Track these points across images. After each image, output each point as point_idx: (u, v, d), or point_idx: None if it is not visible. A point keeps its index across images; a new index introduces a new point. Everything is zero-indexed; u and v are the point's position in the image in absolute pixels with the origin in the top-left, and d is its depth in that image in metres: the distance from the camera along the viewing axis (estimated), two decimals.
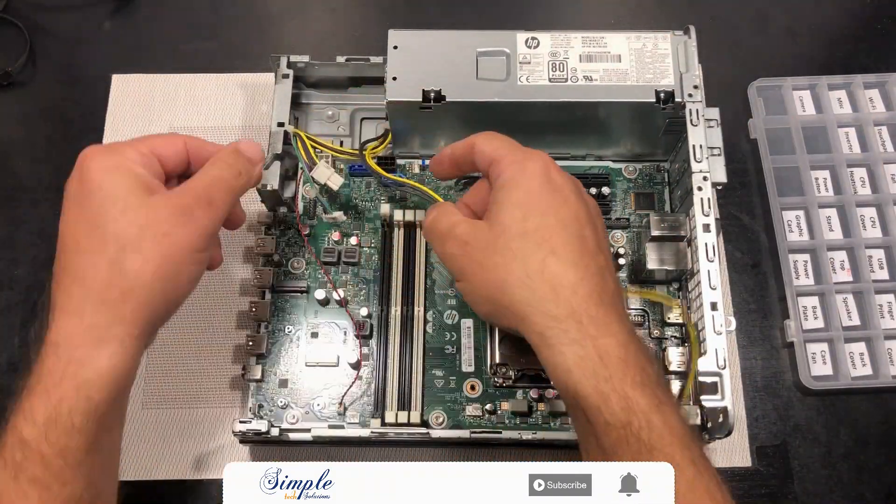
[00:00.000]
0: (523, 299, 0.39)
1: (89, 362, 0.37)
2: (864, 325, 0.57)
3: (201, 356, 0.56)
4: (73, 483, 0.36)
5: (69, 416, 0.36)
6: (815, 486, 0.54)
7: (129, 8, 0.68)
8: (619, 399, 0.36)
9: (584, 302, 0.38)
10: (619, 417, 0.36)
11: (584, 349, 0.37)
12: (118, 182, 0.39)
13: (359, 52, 0.56)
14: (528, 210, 0.40)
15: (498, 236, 0.40)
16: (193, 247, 0.40)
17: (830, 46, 0.67)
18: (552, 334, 0.38)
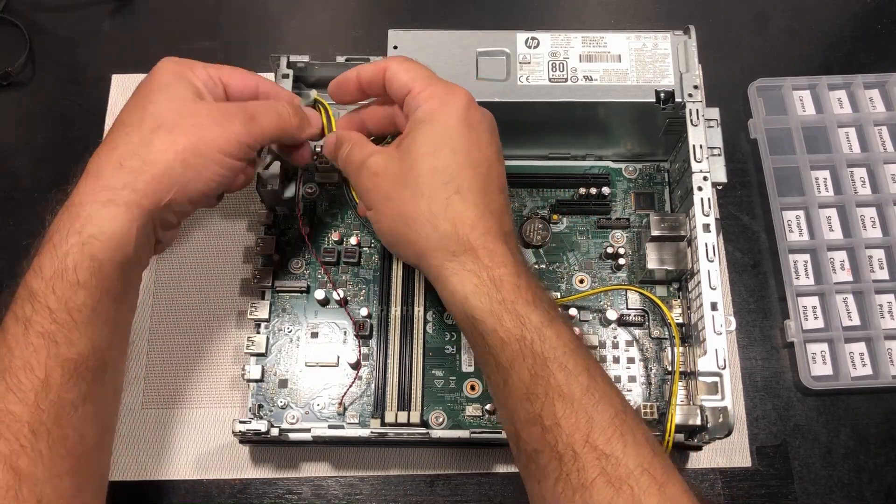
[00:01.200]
0: (426, 235, 0.42)
1: (96, 219, 0.39)
2: (864, 325, 0.57)
3: (201, 356, 0.56)
4: (78, 343, 0.38)
5: (74, 271, 0.38)
6: (815, 486, 0.54)
7: (129, 8, 0.68)
8: (512, 317, 0.39)
9: (481, 237, 0.41)
10: (513, 333, 0.39)
11: (479, 277, 0.40)
12: (176, 82, 0.43)
13: (359, 52, 0.56)
14: (441, 146, 0.42)
15: (408, 170, 0.42)
16: (221, 148, 0.42)
17: (830, 46, 0.67)
18: (450, 267, 0.41)
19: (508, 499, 0.53)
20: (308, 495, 0.53)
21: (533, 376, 0.38)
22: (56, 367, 0.37)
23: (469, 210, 0.41)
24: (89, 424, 0.39)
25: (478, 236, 0.41)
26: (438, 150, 0.42)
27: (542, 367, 0.38)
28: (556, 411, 0.37)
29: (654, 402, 0.51)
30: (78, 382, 0.38)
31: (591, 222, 0.56)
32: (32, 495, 0.36)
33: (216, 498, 0.53)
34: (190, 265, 0.58)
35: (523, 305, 0.39)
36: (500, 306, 0.39)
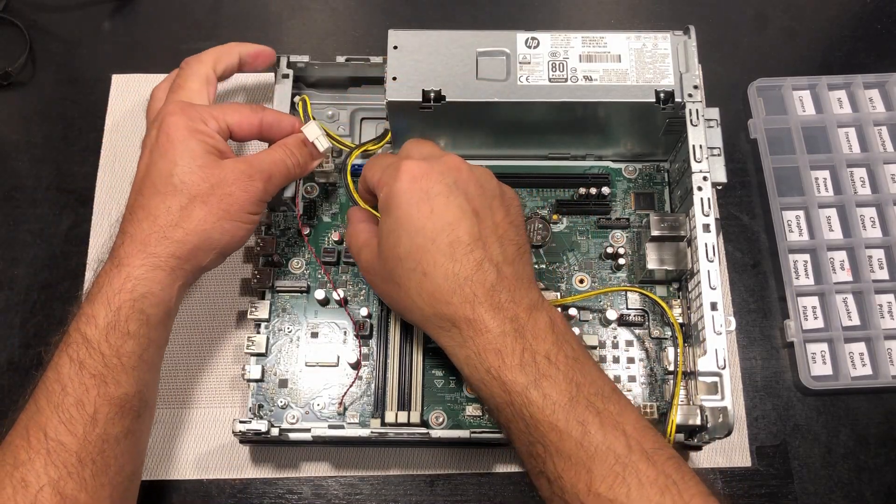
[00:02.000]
0: (416, 319, 0.44)
1: (145, 282, 0.44)
2: (864, 325, 0.57)
3: (201, 356, 0.56)
4: (125, 385, 0.43)
5: (126, 322, 0.43)
6: (815, 486, 0.54)
7: (129, 8, 0.68)
8: (498, 385, 0.40)
9: (459, 309, 0.41)
10: (503, 399, 0.40)
11: (466, 350, 0.42)
12: (196, 143, 0.46)
13: (359, 52, 0.56)
14: (398, 235, 0.43)
15: (383, 266, 0.45)
16: (247, 209, 0.47)
17: (830, 46, 0.67)
18: (445, 342, 0.43)
19: (508, 499, 0.53)
20: (308, 495, 0.53)
21: (528, 437, 0.40)
22: (104, 405, 0.42)
23: (441, 286, 0.42)
24: (128, 457, 0.44)
25: (454, 310, 0.42)
26: (397, 241, 0.43)
27: (535, 429, 0.40)
28: (557, 467, 0.39)
29: (654, 402, 0.51)
30: (122, 419, 0.43)
31: (591, 222, 0.56)
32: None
33: (216, 498, 0.53)
34: None
35: (508, 371, 0.40)
36: (487, 375, 0.41)
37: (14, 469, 0.40)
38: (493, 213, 0.44)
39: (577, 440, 0.38)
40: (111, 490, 0.42)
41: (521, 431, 0.40)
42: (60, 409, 0.41)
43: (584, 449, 0.38)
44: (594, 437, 0.38)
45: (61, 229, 0.60)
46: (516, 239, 0.45)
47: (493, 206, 0.45)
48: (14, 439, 0.41)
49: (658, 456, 0.39)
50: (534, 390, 0.40)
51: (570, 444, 0.39)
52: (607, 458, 0.38)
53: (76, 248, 0.59)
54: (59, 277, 0.58)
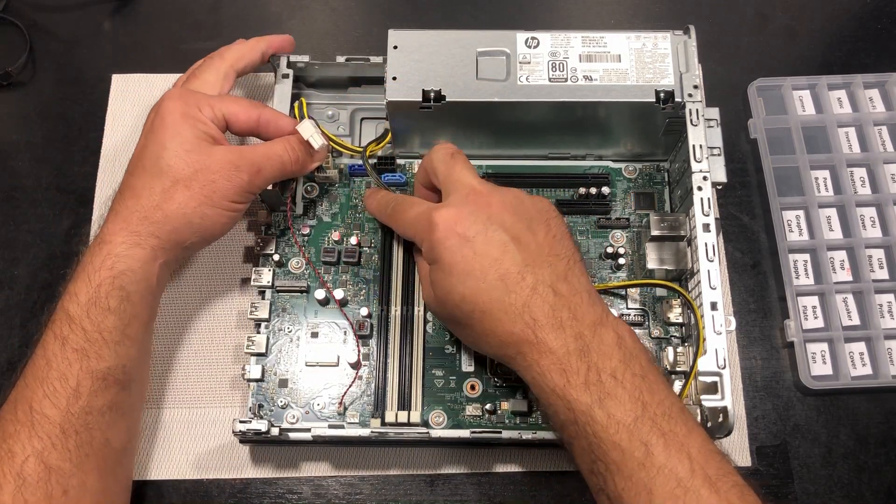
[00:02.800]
0: (487, 353, 0.46)
1: (125, 259, 0.45)
2: (864, 325, 0.57)
3: (201, 356, 0.56)
4: (107, 358, 0.44)
5: (106, 298, 0.44)
6: (815, 486, 0.54)
7: (129, 8, 0.68)
8: (563, 404, 0.41)
9: (522, 337, 0.42)
10: (567, 417, 0.41)
11: (532, 372, 0.42)
12: (188, 128, 0.47)
13: (359, 52, 0.56)
14: (450, 283, 0.43)
15: (443, 309, 0.45)
16: (229, 197, 0.48)
17: (830, 46, 0.67)
18: (515, 368, 0.44)
19: (508, 499, 0.53)
20: (308, 495, 0.53)
21: (591, 455, 0.40)
22: (87, 378, 0.43)
23: (501, 324, 0.42)
24: (114, 430, 0.45)
25: (518, 339, 0.42)
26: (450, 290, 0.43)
27: (598, 448, 0.39)
28: (617, 486, 0.39)
29: None
30: (105, 392, 0.44)
31: (591, 222, 0.56)
32: (59, 486, 0.41)
33: (216, 498, 0.53)
34: (190, 265, 0.58)
35: (573, 389, 0.40)
36: (552, 395, 0.41)
37: (2, 441, 0.42)
38: (534, 235, 0.44)
39: (639, 461, 0.38)
40: (97, 462, 0.43)
41: (583, 450, 0.40)
42: (45, 383, 0.42)
43: (645, 470, 0.38)
44: (657, 458, 0.38)
45: (61, 229, 0.60)
46: (563, 252, 0.44)
47: (532, 227, 0.44)
48: (4, 414, 0.43)
49: (722, 483, 0.38)
50: (598, 409, 0.39)
51: (631, 465, 0.38)
52: (669, 480, 0.38)
53: (76, 248, 0.59)
54: (59, 277, 0.58)
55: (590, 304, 0.43)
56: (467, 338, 0.46)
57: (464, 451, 0.54)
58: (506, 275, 0.42)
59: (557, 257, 0.44)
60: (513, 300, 0.42)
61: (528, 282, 0.42)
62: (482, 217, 0.44)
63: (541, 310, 0.41)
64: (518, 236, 0.43)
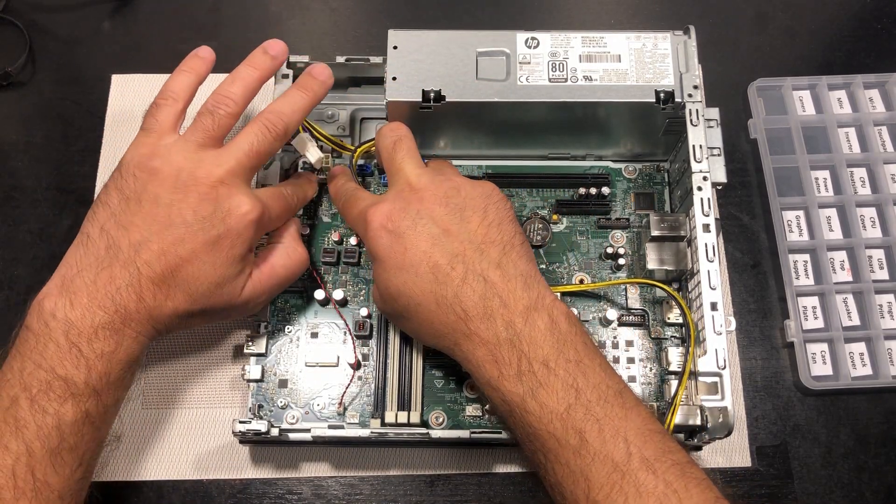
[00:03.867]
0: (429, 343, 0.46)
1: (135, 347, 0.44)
2: (864, 325, 0.57)
3: (201, 356, 0.56)
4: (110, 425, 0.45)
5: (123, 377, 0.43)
6: (815, 486, 0.54)
7: (129, 8, 0.68)
8: (498, 396, 0.41)
9: (456, 327, 0.42)
10: (504, 409, 0.41)
11: (468, 364, 0.43)
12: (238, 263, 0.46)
13: (359, 52, 0.56)
14: (386, 277, 0.44)
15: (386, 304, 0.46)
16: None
17: (830, 46, 0.67)
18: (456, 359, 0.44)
19: (508, 499, 0.53)
20: (308, 495, 0.53)
21: (531, 445, 0.41)
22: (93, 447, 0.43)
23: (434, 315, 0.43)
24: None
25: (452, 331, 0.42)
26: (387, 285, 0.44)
27: (536, 438, 0.40)
28: (557, 475, 0.39)
29: (653, 402, 0.51)
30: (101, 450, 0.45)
31: (591, 222, 0.56)
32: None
33: (216, 498, 0.53)
34: None
35: (506, 381, 0.40)
36: (487, 387, 0.42)
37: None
38: (466, 224, 0.44)
39: (574, 448, 0.38)
40: None
41: (524, 439, 0.41)
42: (55, 455, 0.41)
43: (581, 457, 0.38)
44: (591, 445, 0.38)
45: (61, 229, 0.60)
46: (498, 238, 0.44)
47: (466, 216, 0.44)
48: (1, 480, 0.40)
49: (660, 463, 0.38)
50: (531, 400, 0.40)
51: (567, 453, 0.39)
52: (605, 466, 0.38)
53: None
54: None
55: (524, 289, 0.42)
56: (409, 330, 0.47)
57: (464, 451, 0.54)
58: (436, 267, 0.42)
59: (492, 244, 0.43)
60: (444, 291, 0.42)
61: (458, 272, 0.42)
62: (412, 212, 0.44)
63: (470, 300, 0.41)
64: (448, 228, 0.43)
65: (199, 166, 0.45)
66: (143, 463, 0.53)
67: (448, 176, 0.46)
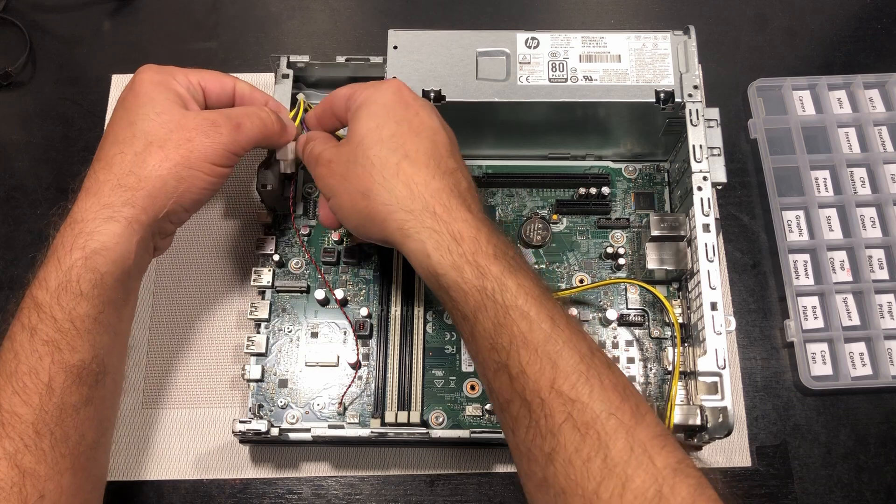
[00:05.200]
0: (384, 200, 0.42)
1: (97, 235, 0.41)
2: (864, 325, 0.57)
3: (201, 356, 0.56)
4: (81, 350, 0.41)
5: (77, 283, 0.40)
6: (815, 486, 0.54)
7: (129, 8, 0.68)
8: (472, 268, 0.40)
9: (436, 194, 0.42)
10: (474, 284, 0.40)
11: (439, 234, 0.41)
12: (160, 93, 0.45)
13: (359, 52, 0.56)
14: (382, 120, 0.44)
15: (357, 148, 0.44)
16: (210, 158, 0.45)
17: (830, 46, 0.67)
18: (411, 226, 0.42)
19: (508, 499, 0.53)
20: (308, 495, 0.53)
21: (496, 326, 0.39)
22: (59, 373, 0.40)
23: (420, 171, 0.42)
24: (89, 425, 0.42)
25: (432, 193, 0.42)
26: (382, 124, 0.44)
27: (505, 316, 0.39)
28: (521, 359, 0.38)
29: (653, 401, 0.51)
30: (80, 386, 0.41)
31: (591, 222, 0.56)
32: (35, 491, 0.38)
33: (216, 498, 0.53)
34: (190, 265, 0.58)
35: (483, 257, 0.40)
36: (460, 259, 0.40)
37: None
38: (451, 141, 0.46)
39: (546, 332, 0.38)
40: (73, 461, 0.41)
41: (488, 319, 0.39)
42: (14, 378, 0.39)
43: (552, 342, 0.38)
44: (562, 332, 0.38)
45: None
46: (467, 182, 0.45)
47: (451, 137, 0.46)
48: None
49: (615, 366, 0.39)
50: (510, 278, 0.39)
51: (538, 336, 0.38)
52: (573, 355, 0.38)
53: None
54: None
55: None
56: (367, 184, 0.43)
57: (464, 451, 0.54)
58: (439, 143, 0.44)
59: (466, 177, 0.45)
60: (438, 163, 0.43)
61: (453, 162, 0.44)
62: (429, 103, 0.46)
63: (457, 188, 0.43)
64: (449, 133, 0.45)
65: None
66: (143, 463, 0.53)
67: None
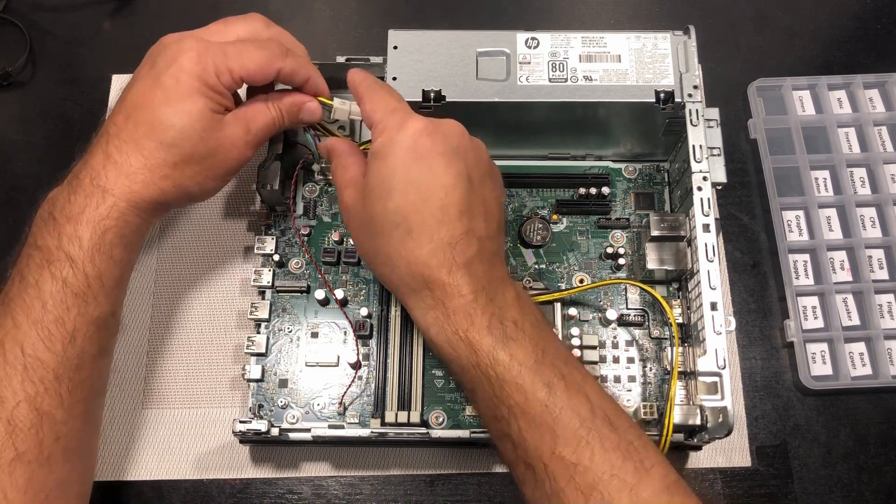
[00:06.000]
0: (387, 274, 0.44)
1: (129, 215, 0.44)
2: (864, 325, 0.57)
3: (201, 356, 0.56)
4: (103, 305, 0.44)
5: (110, 247, 0.43)
6: (815, 486, 0.54)
7: (129, 8, 0.68)
8: (465, 346, 0.41)
9: (435, 272, 0.42)
10: (469, 360, 0.41)
11: (436, 311, 0.42)
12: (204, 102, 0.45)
13: (359, 52, 0.56)
14: (391, 185, 0.42)
15: (367, 210, 0.44)
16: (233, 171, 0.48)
17: (830, 46, 0.67)
18: (413, 303, 0.43)
19: (508, 499, 0.53)
20: (308, 495, 0.53)
21: (494, 398, 0.40)
22: (83, 324, 0.43)
23: (422, 248, 0.42)
24: (100, 374, 0.45)
25: (431, 273, 0.42)
26: (388, 192, 0.42)
27: (500, 390, 0.40)
28: (521, 428, 0.39)
29: (653, 401, 0.51)
30: (98, 338, 0.44)
31: (591, 222, 0.56)
32: (51, 433, 0.41)
33: (216, 498, 0.53)
34: (190, 265, 0.58)
35: (476, 332, 0.41)
36: (454, 336, 0.41)
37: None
38: (484, 187, 0.45)
39: (542, 402, 0.39)
40: (85, 406, 0.43)
41: (486, 393, 0.40)
42: (40, 325, 0.41)
43: (549, 411, 0.38)
44: (559, 398, 0.39)
45: None
46: (498, 216, 0.45)
47: (485, 179, 0.45)
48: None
49: (620, 422, 0.39)
50: (501, 350, 0.40)
51: (535, 406, 0.39)
52: (572, 420, 0.38)
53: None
54: None
55: (501, 265, 0.44)
56: (375, 253, 0.44)
57: (464, 451, 0.54)
58: (448, 206, 0.42)
59: (493, 217, 0.45)
60: (443, 234, 0.42)
61: (463, 224, 0.42)
62: (452, 143, 0.44)
63: (463, 254, 0.42)
64: (472, 179, 0.44)
65: None
66: (143, 463, 0.53)
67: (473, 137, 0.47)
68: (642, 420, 0.50)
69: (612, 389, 0.52)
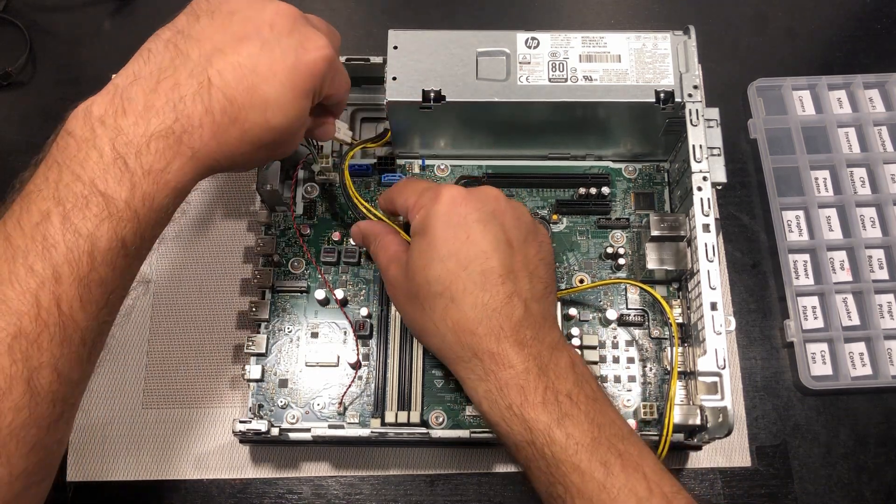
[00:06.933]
0: (435, 345, 0.44)
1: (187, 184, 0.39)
2: (864, 325, 0.57)
3: (201, 356, 0.56)
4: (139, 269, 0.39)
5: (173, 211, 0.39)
6: (815, 486, 0.54)
7: (129, 8, 0.68)
8: (519, 422, 0.40)
9: (483, 341, 0.41)
10: (524, 438, 0.40)
11: (487, 384, 0.41)
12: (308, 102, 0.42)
13: (359, 52, 0.56)
14: (430, 257, 0.42)
15: (410, 285, 0.44)
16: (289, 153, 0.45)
17: (830, 46, 0.67)
18: (463, 374, 0.42)
19: (508, 499, 0.53)
20: (308, 495, 0.53)
21: (549, 477, 0.39)
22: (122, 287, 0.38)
23: (467, 315, 0.41)
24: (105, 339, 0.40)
25: (479, 341, 0.41)
26: (429, 263, 0.42)
27: (556, 469, 0.39)
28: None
29: (653, 401, 0.51)
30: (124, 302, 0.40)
31: (591, 222, 0.56)
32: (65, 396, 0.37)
33: (216, 498, 0.53)
34: (190, 265, 0.58)
35: (531, 408, 0.40)
36: (507, 412, 0.40)
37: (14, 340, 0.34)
38: (526, 248, 0.44)
39: (599, 482, 0.38)
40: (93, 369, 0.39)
41: (540, 471, 0.40)
42: (82, 284, 0.36)
43: (606, 491, 0.38)
44: (617, 478, 0.38)
45: None
46: (545, 277, 0.44)
47: (528, 240, 0.44)
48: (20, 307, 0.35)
49: (676, 500, 0.38)
50: (557, 429, 0.39)
51: (592, 486, 0.38)
52: (629, 500, 0.38)
53: None
54: None
55: (551, 328, 0.43)
56: (422, 324, 0.44)
57: (464, 451, 0.54)
58: (489, 272, 0.42)
59: (539, 278, 0.44)
60: (486, 300, 0.41)
61: (506, 288, 0.42)
62: (488, 208, 0.43)
63: (509, 321, 0.41)
64: (512, 242, 0.43)
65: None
66: (143, 463, 0.53)
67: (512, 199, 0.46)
68: (642, 420, 0.50)
69: (612, 389, 0.52)
